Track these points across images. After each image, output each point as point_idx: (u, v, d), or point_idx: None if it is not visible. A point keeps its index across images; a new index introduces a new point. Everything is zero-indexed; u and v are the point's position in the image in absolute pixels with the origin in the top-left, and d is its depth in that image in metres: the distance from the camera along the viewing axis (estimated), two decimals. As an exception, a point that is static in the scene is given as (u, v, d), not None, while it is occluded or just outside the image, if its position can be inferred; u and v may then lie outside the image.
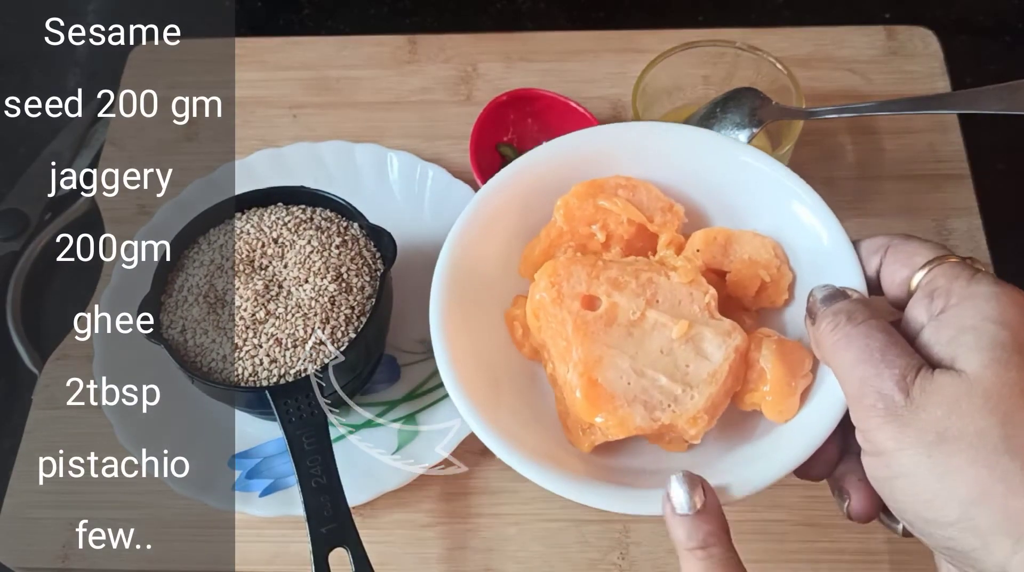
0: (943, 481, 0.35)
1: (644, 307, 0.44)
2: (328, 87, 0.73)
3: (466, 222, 0.48)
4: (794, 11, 0.79)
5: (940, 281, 0.39)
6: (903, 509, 0.37)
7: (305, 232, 0.56)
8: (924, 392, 0.36)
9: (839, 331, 0.39)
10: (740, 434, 0.46)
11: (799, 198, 0.47)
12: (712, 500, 0.40)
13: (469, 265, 0.47)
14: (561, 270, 0.45)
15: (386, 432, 0.58)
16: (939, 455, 0.35)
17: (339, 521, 0.49)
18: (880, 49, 0.72)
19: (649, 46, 0.71)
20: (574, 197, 0.48)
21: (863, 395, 0.37)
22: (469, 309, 0.47)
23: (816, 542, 0.55)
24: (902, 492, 0.37)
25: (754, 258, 0.47)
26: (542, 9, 0.80)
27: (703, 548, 0.38)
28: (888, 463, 0.37)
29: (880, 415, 0.37)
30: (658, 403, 0.43)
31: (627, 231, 0.48)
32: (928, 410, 0.36)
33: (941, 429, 0.35)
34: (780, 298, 0.48)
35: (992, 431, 0.35)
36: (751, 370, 0.44)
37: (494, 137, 0.67)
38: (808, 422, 0.43)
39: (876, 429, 0.37)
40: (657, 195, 0.49)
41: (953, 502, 0.35)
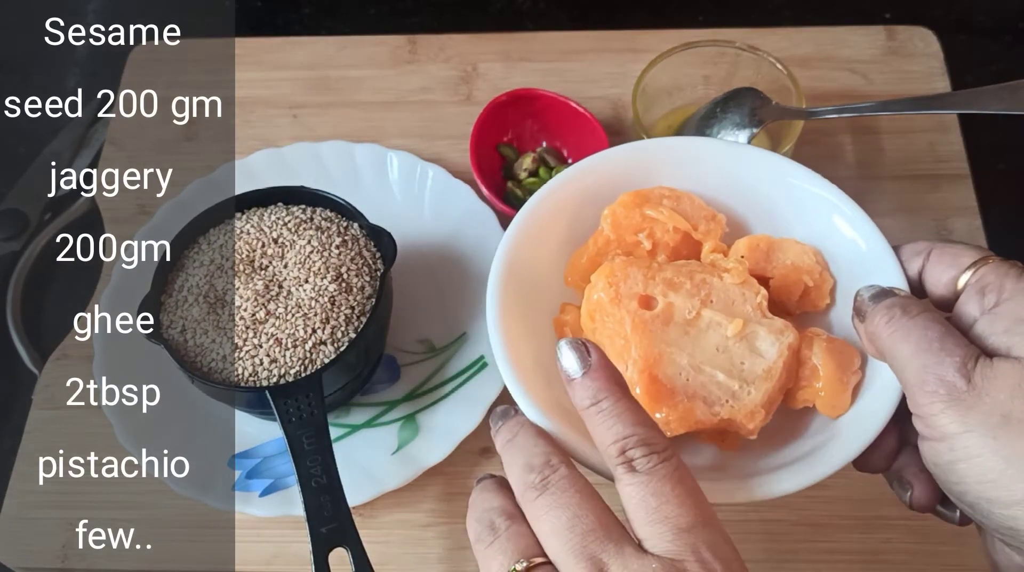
0: (1009, 461, 0.37)
1: (699, 306, 0.46)
2: (328, 87, 0.73)
3: (517, 230, 0.49)
4: (794, 11, 0.79)
5: (990, 277, 0.41)
6: (965, 492, 0.39)
7: (305, 232, 0.56)
8: (985, 378, 0.38)
9: (895, 323, 0.41)
10: (793, 432, 0.47)
11: (837, 208, 0.49)
12: (600, 359, 0.40)
13: (520, 272, 0.49)
14: (618, 271, 0.47)
15: (386, 432, 0.58)
16: (1005, 436, 0.37)
17: (339, 521, 0.49)
18: (880, 49, 0.72)
19: (649, 46, 0.71)
20: (621, 206, 0.50)
21: (924, 382, 0.39)
22: (523, 314, 0.48)
23: (816, 542, 0.55)
24: (965, 474, 0.38)
25: (796, 264, 0.49)
26: (542, 9, 0.80)
27: (595, 404, 0.39)
28: (952, 446, 0.38)
29: (943, 400, 0.38)
30: (716, 398, 0.45)
31: (673, 239, 0.50)
32: (991, 394, 0.37)
33: (1006, 412, 0.37)
34: (822, 302, 0.49)
35: None
36: (803, 367, 0.46)
37: (494, 137, 0.67)
38: (862, 416, 0.45)
39: (939, 413, 0.38)
40: (700, 205, 0.50)
41: (1019, 482, 0.36)
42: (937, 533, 0.55)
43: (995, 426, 0.37)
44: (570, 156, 0.68)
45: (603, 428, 0.39)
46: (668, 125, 0.66)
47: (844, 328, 0.48)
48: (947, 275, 0.43)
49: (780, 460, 0.46)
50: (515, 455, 0.41)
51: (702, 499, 0.38)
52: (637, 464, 0.38)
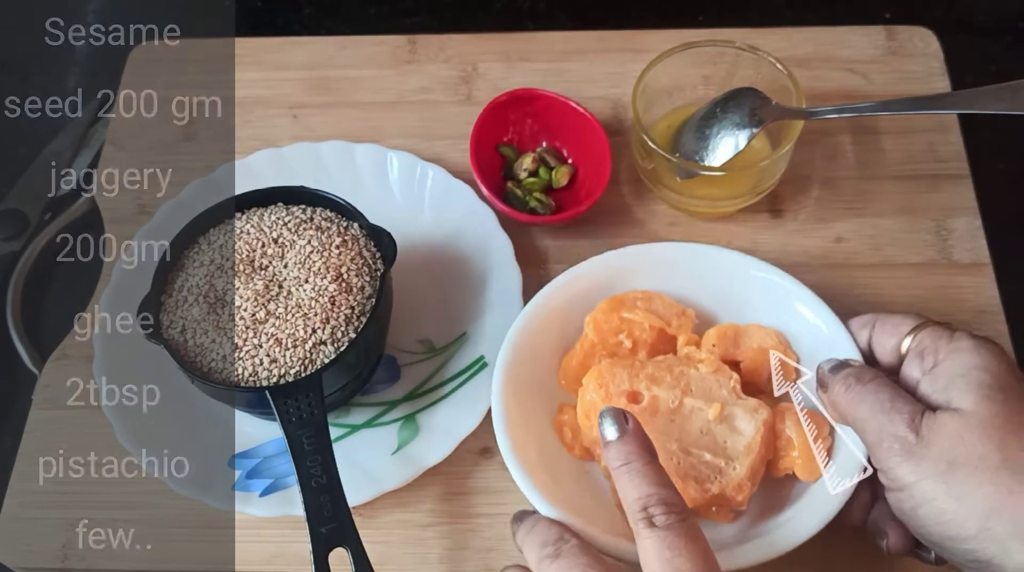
0: (960, 501, 0.42)
1: (680, 396, 0.52)
2: (328, 87, 0.73)
3: (514, 341, 0.55)
4: (794, 11, 0.79)
5: (927, 341, 0.48)
6: (929, 533, 0.44)
7: (305, 232, 0.56)
8: (931, 430, 0.44)
9: (851, 391, 0.47)
10: (777, 499, 0.53)
11: (793, 294, 0.56)
12: (636, 427, 0.46)
13: (519, 376, 0.55)
14: (606, 373, 0.53)
15: (386, 432, 0.58)
16: (952, 480, 0.42)
17: (339, 521, 0.49)
18: (880, 49, 0.72)
19: (649, 46, 0.71)
20: (600, 312, 0.56)
21: (881, 440, 0.45)
22: (524, 417, 0.54)
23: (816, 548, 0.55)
24: (926, 518, 0.43)
25: (762, 346, 0.55)
26: (542, 9, 0.80)
27: (626, 464, 0.45)
28: (911, 494, 0.44)
29: (898, 454, 0.44)
30: (707, 476, 0.50)
31: (650, 336, 0.56)
32: (937, 444, 0.43)
33: (950, 458, 0.42)
34: (789, 376, 0.55)
35: (992, 455, 0.42)
36: (779, 439, 0.52)
37: (494, 137, 0.67)
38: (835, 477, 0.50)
39: (896, 467, 0.44)
40: (670, 303, 0.57)
41: (972, 518, 0.42)
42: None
43: (944, 472, 0.42)
44: (570, 156, 0.68)
45: (630, 486, 0.44)
46: (668, 125, 0.66)
47: (811, 400, 0.53)
48: (890, 343, 0.50)
49: (770, 525, 0.51)
50: (533, 540, 0.47)
51: (712, 557, 0.42)
52: (656, 520, 0.42)
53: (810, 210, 0.66)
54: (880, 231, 0.65)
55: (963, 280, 0.63)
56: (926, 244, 0.64)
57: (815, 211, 0.66)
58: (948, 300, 0.62)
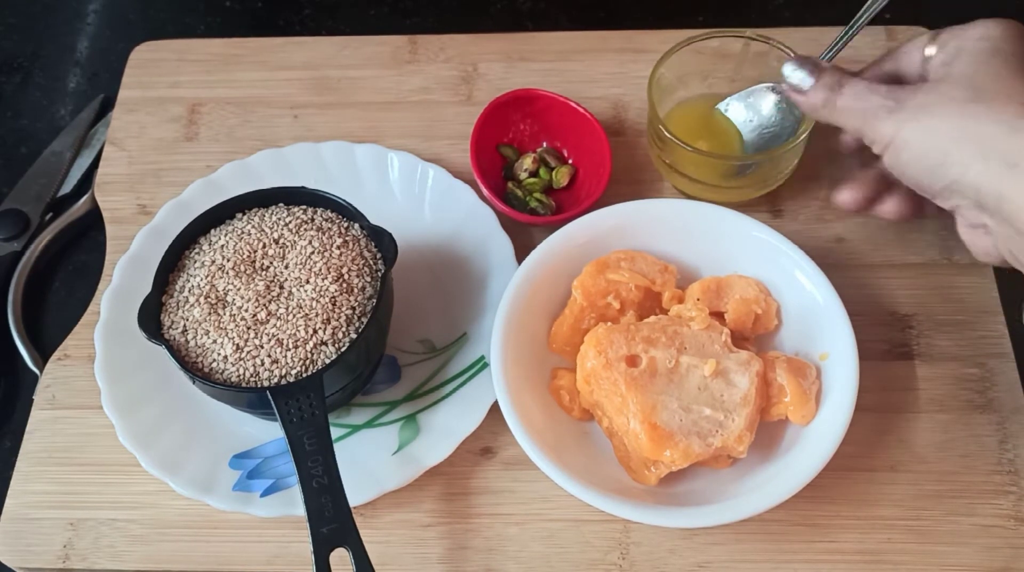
0: (934, 135, 0.48)
1: (676, 355, 0.53)
2: (328, 87, 0.73)
3: (507, 310, 0.56)
4: (794, 11, 0.79)
5: (945, 33, 0.52)
6: (915, 173, 0.49)
7: (306, 233, 0.56)
8: (912, 94, 0.49)
9: (829, 105, 0.52)
10: (772, 444, 0.55)
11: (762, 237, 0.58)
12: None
13: (516, 341, 0.56)
14: (603, 339, 0.54)
15: (387, 432, 0.58)
16: (925, 118, 0.48)
17: (340, 521, 0.49)
18: (880, 49, 0.72)
19: (649, 46, 0.72)
20: (587, 276, 0.57)
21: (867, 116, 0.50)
22: (522, 381, 0.55)
23: (816, 542, 0.55)
24: (910, 159, 0.49)
25: (744, 296, 0.57)
26: (542, 9, 0.80)
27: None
28: (895, 145, 0.49)
29: (884, 115, 0.49)
30: (708, 431, 0.52)
31: (636, 295, 0.57)
32: (915, 98, 0.49)
33: (923, 104, 0.48)
34: (771, 324, 0.58)
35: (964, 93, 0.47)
36: (771, 387, 0.54)
37: (495, 137, 0.67)
38: (828, 420, 0.53)
39: (880, 124, 0.49)
40: (652, 260, 0.58)
41: (942, 147, 0.47)
42: (937, 533, 0.55)
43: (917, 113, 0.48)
44: (570, 156, 0.68)
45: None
46: (682, 114, 0.65)
47: (794, 344, 0.57)
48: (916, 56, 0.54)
49: (768, 471, 0.53)
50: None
51: None
52: None
53: (811, 210, 0.66)
54: (880, 231, 0.65)
55: (963, 280, 0.63)
56: (926, 244, 0.64)
57: (815, 211, 0.66)
58: (948, 300, 0.62)
